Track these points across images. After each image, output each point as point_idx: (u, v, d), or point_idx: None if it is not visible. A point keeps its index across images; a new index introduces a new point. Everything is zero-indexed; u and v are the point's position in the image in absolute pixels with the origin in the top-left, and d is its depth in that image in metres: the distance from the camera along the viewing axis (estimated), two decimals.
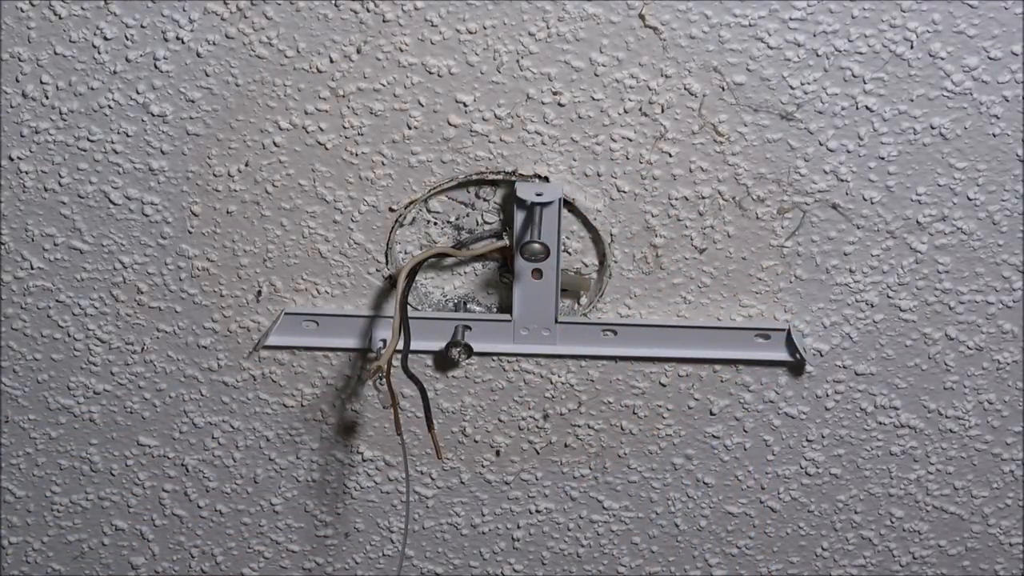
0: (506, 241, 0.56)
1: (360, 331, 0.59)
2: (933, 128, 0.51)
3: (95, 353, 0.61)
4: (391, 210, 0.56)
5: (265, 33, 0.50)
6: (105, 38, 0.51)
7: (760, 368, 0.60)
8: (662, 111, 0.51)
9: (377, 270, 0.58)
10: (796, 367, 0.59)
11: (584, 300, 0.58)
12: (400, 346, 0.52)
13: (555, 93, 0.51)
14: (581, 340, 0.58)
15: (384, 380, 0.49)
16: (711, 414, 0.62)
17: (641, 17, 0.49)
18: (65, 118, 0.53)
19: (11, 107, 0.53)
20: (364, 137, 0.53)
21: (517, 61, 0.50)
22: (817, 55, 0.49)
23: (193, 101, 0.53)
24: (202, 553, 0.70)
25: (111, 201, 0.56)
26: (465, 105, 0.52)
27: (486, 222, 0.57)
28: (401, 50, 0.50)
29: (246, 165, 0.54)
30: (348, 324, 0.59)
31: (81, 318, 0.60)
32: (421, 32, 0.50)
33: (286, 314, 0.58)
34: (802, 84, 0.50)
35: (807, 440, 0.63)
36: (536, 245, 0.51)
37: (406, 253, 0.58)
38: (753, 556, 0.68)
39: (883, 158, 0.52)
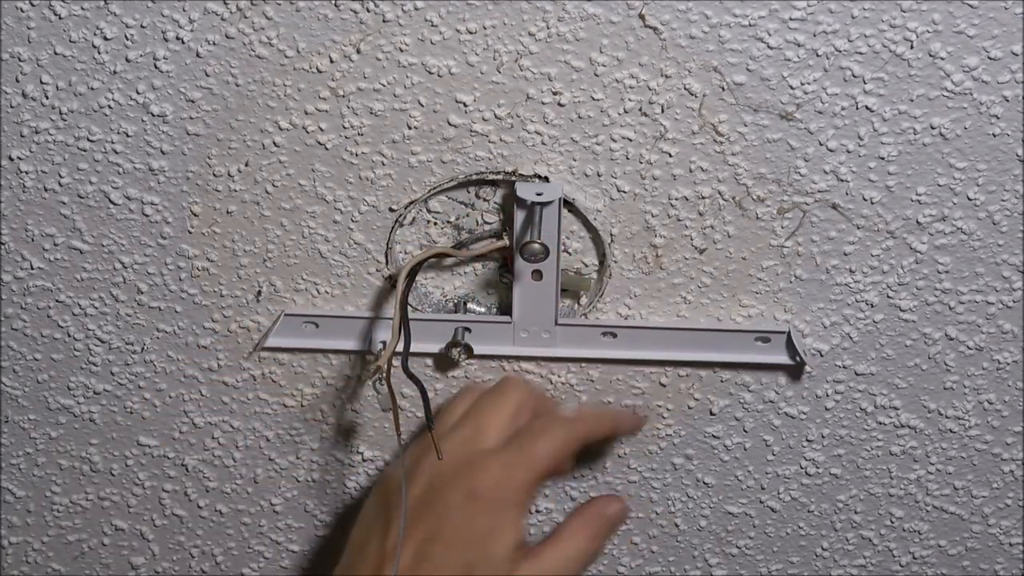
0: (506, 241, 0.56)
1: (360, 332, 0.59)
2: (933, 128, 0.51)
3: (95, 353, 0.61)
4: (391, 210, 0.56)
5: (265, 33, 0.50)
6: (105, 38, 0.51)
7: (760, 368, 0.60)
8: (662, 111, 0.51)
9: (377, 270, 0.58)
10: (796, 369, 0.59)
11: (584, 300, 0.58)
12: (400, 347, 0.52)
13: (555, 93, 0.51)
14: (581, 342, 0.58)
15: (384, 381, 0.49)
16: (711, 414, 0.62)
17: (641, 17, 0.49)
18: (65, 118, 0.53)
19: (11, 107, 0.53)
20: (364, 137, 0.53)
21: (517, 61, 0.50)
22: (817, 55, 0.49)
23: (193, 101, 0.53)
24: (202, 553, 0.70)
25: (111, 201, 0.56)
26: (465, 105, 0.52)
27: (486, 222, 0.57)
28: (401, 50, 0.50)
29: (246, 165, 0.54)
30: (348, 325, 0.59)
31: (81, 318, 0.60)
32: (421, 32, 0.50)
33: (286, 315, 0.58)
34: (802, 84, 0.50)
35: (807, 440, 0.63)
36: (536, 245, 0.51)
37: (406, 253, 0.58)
38: (753, 556, 0.68)
39: (883, 158, 0.52)
